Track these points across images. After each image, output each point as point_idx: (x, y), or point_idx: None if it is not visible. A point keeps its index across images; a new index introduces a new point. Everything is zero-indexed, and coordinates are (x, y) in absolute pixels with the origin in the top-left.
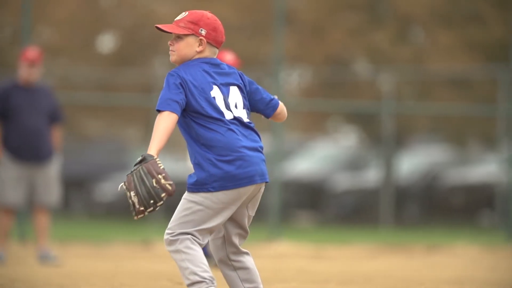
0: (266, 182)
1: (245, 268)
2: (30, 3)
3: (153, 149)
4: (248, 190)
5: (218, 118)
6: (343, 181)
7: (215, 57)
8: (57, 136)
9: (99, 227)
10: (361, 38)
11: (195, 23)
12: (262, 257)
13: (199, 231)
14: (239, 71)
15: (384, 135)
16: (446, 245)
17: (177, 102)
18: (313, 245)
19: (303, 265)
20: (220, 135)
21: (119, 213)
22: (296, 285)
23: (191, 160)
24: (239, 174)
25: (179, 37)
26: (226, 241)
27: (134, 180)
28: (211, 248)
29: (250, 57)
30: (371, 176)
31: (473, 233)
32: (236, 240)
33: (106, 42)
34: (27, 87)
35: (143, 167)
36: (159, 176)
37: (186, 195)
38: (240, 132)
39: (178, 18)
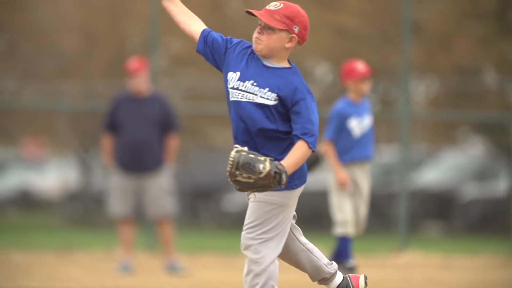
0: None
1: (314, 247)
2: (158, 13)
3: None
4: None
5: None
6: (471, 191)
7: None
8: (171, 145)
9: (228, 237)
10: (489, 48)
11: (291, 19)
12: (390, 267)
13: (283, 232)
14: None
15: None
16: None
17: None
18: (442, 255)
19: (432, 274)
20: None
21: None
22: None
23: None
24: (306, 169)
25: (271, 28)
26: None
27: (268, 180)
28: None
29: (378, 67)
30: (500, 185)
31: None
32: (294, 221)
33: None
34: (136, 98)
35: (275, 185)
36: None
37: (261, 197)
38: None
39: (272, 8)
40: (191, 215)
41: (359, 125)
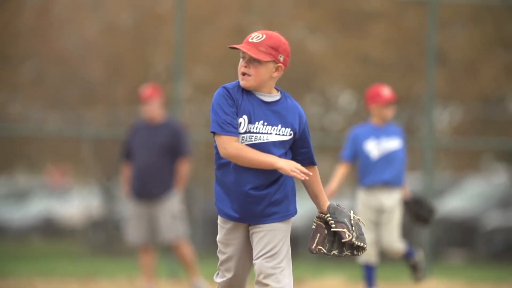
0: None
1: None
2: (183, 41)
3: None
4: None
5: None
6: (495, 219)
7: None
8: (180, 171)
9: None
10: None
11: (276, 49)
12: None
13: (290, 260)
14: None
15: None
16: None
17: None
18: (465, 283)
19: None
20: None
21: None
22: None
23: (277, 192)
24: None
25: (257, 61)
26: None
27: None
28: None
29: (402, 95)
30: None
31: None
32: None
33: None
34: (149, 125)
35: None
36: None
37: (282, 225)
38: None
39: (256, 40)
40: (217, 244)
41: (376, 147)
